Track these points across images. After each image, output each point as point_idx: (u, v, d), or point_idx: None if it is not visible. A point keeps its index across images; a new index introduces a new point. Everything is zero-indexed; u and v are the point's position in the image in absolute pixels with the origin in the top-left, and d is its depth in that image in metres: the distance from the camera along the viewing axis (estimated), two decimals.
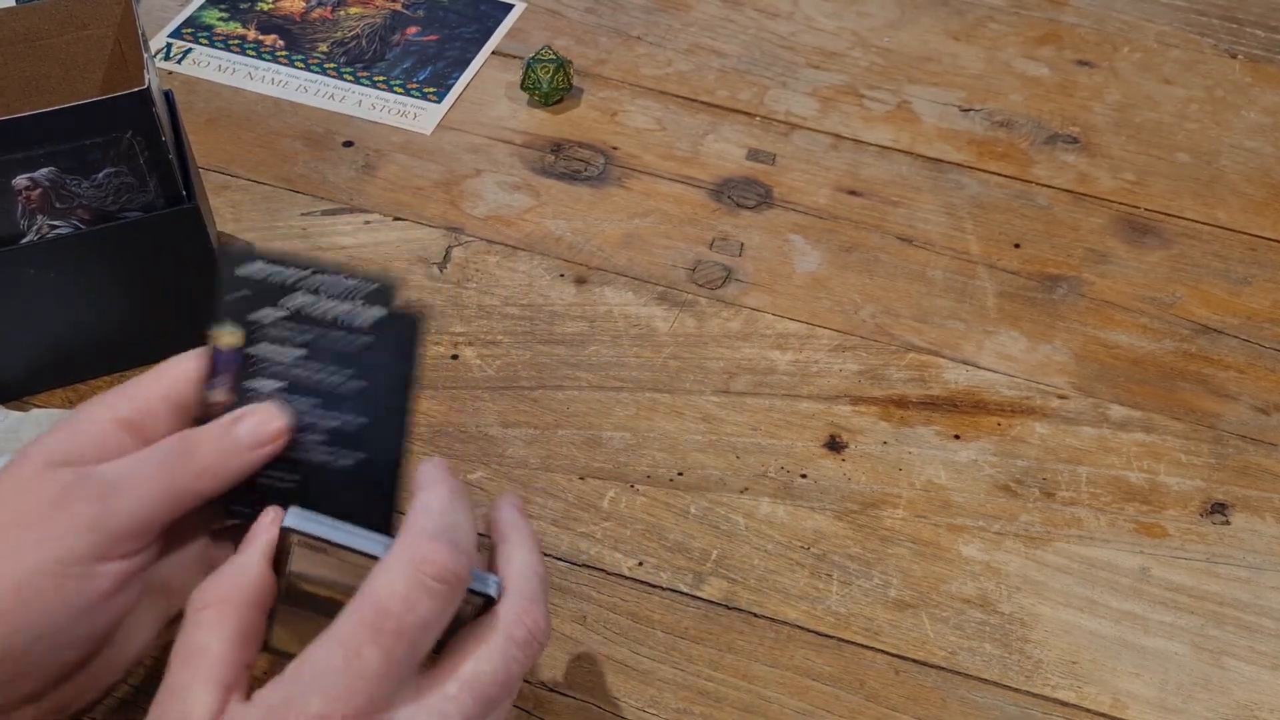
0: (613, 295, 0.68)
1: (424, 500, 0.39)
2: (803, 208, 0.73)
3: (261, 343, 0.42)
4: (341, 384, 0.42)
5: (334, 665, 0.34)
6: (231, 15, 0.83)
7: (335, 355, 0.42)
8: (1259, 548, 0.59)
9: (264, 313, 0.42)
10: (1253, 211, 0.75)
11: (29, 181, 0.54)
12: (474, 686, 0.36)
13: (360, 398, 0.42)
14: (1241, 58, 0.86)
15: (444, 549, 0.36)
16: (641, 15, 0.86)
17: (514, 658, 0.37)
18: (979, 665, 0.54)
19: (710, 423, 0.62)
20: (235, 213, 0.70)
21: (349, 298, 0.42)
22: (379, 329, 0.41)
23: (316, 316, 0.41)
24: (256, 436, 0.41)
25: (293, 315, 0.42)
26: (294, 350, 0.42)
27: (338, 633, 0.35)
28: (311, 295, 0.42)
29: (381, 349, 0.41)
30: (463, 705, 0.36)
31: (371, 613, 0.35)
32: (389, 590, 0.36)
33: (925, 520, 0.59)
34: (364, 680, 0.34)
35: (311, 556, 0.39)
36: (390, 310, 0.41)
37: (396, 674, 0.35)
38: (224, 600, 0.37)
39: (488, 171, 0.74)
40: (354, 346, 0.42)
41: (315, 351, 0.42)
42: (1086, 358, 0.66)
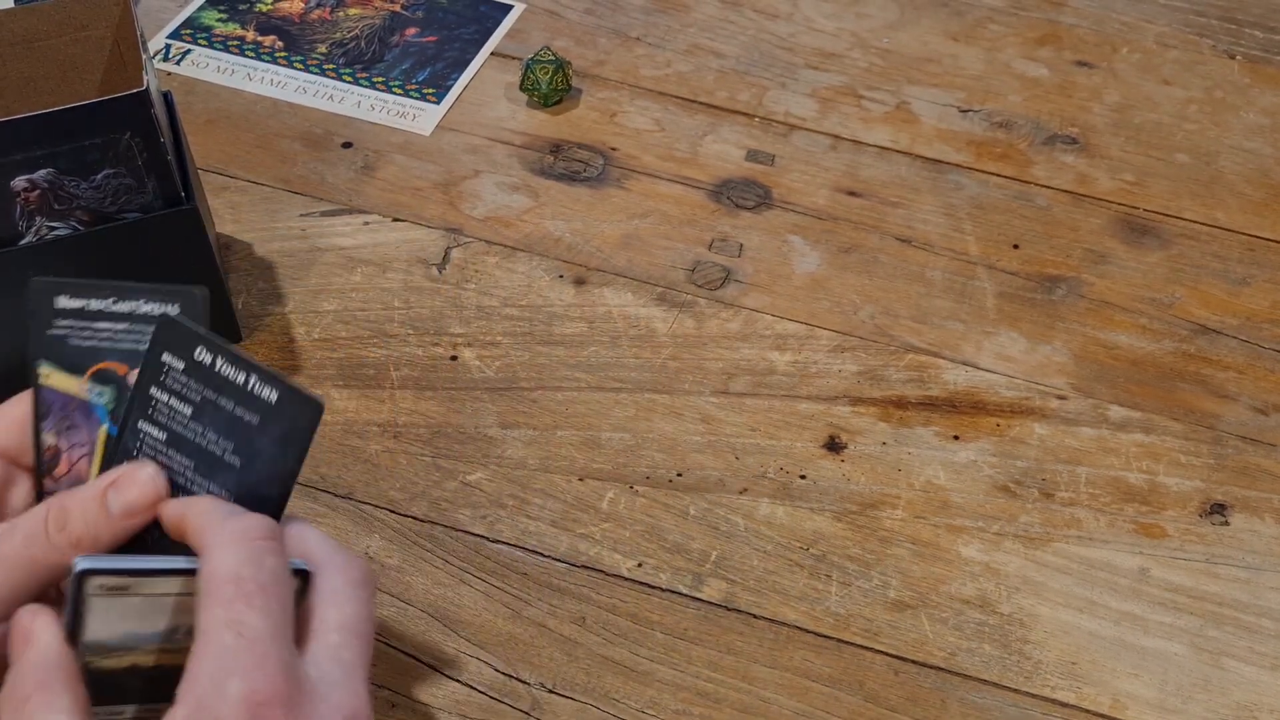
0: (612, 296, 0.68)
1: (194, 510, 0.38)
2: (802, 208, 0.73)
3: (157, 388, 0.40)
4: (220, 455, 0.40)
5: (227, 644, 0.34)
6: (230, 16, 0.83)
7: (223, 422, 0.40)
8: (1258, 548, 0.59)
9: (166, 358, 0.40)
10: (1252, 212, 0.75)
11: (28, 183, 0.54)
12: (350, 627, 0.37)
13: (236, 473, 0.40)
14: (1240, 58, 0.86)
15: (252, 517, 0.38)
16: (641, 16, 0.86)
17: (364, 598, 0.39)
18: (978, 666, 0.54)
19: (709, 423, 0.62)
20: (234, 214, 0.70)
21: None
22: (271, 412, 0.39)
23: (215, 376, 0.40)
24: (129, 506, 0.40)
25: (190, 369, 0.40)
26: (183, 405, 0.40)
27: (210, 620, 0.35)
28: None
29: (268, 432, 0.39)
30: (352, 647, 0.37)
31: (231, 586, 0.35)
32: (234, 560, 0.36)
33: (924, 521, 0.59)
34: (263, 644, 0.35)
35: (111, 608, 0.37)
36: (289, 393, 0.39)
37: (282, 633, 0.35)
38: (42, 684, 0.35)
39: (487, 172, 0.74)
40: (241, 421, 0.40)
41: (202, 413, 0.40)
42: (1086, 358, 0.66)
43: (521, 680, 0.52)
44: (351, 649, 0.37)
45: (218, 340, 0.40)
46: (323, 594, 0.38)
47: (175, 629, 0.38)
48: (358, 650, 0.37)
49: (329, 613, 0.38)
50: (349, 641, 0.37)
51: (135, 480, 0.40)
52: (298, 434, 0.39)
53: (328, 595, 0.38)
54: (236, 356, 0.40)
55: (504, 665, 0.53)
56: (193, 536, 0.38)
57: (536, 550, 0.57)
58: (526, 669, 0.53)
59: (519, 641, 0.54)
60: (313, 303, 0.66)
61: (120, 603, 0.37)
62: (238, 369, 0.40)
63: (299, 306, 0.66)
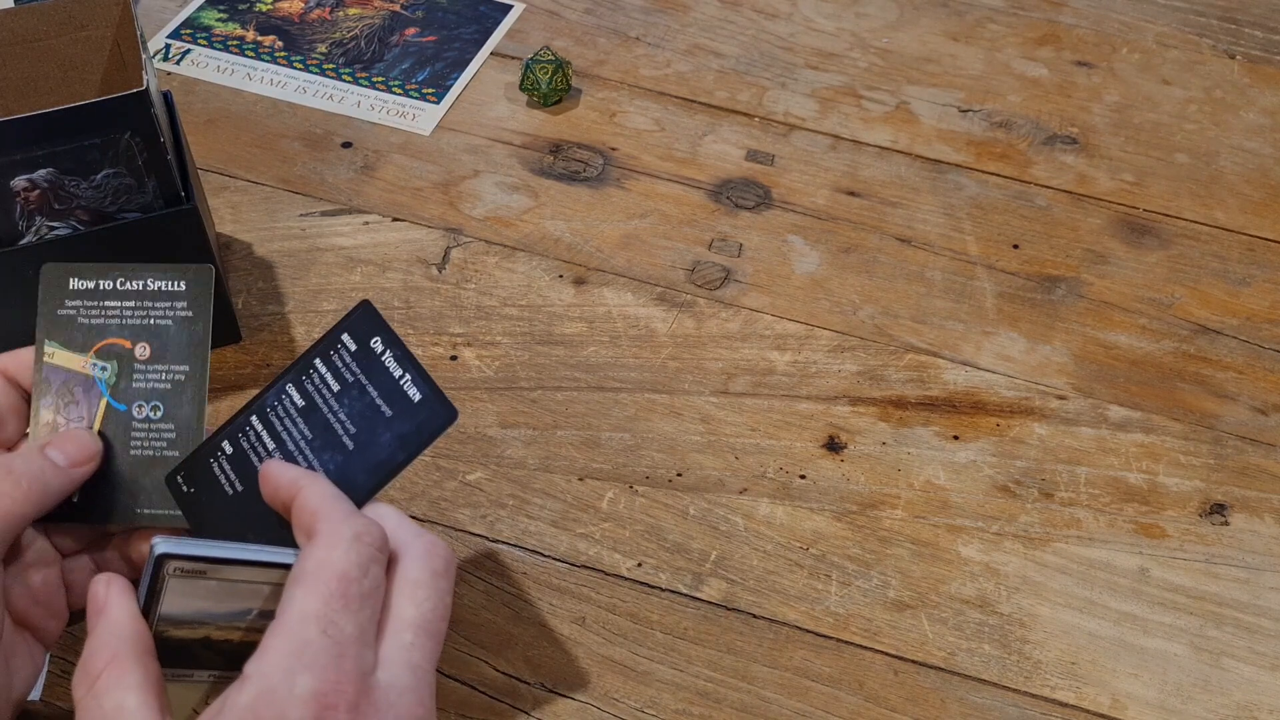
0: (611, 296, 0.68)
1: (316, 491, 0.39)
2: (802, 208, 0.73)
3: (321, 360, 0.43)
4: (340, 435, 0.42)
5: (311, 639, 0.35)
6: (230, 16, 0.83)
7: (360, 407, 0.42)
8: (1258, 548, 0.59)
9: (345, 337, 0.43)
10: (1251, 212, 0.75)
11: (28, 182, 0.54)
12: (426, 628, 0.37)
13: (344, 455, 0.42)
14: (1240, 58, 0.86)
15: (371, 522, 0.38)
16: (640, 16, 0.86)
17: (443, 589, 0.39)
18: (978, 666, 0.54)
19: (709, 423, 0.62)
20: (234, 214, 0.70)
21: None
22: (407, 409, 0.41)
23: (377, 364, 0.42)
24: (70, 457, 0.42)
25: (359, 353, 0.42)
26: (334, 381, 0.42)
27: (303, 610, 0.35)
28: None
29: (394, 427, 0.41)
30: (424, 648, 0.37)
31: (336, 582, 0.36)
32: (346, 560, 0.36)
33: (924, 521, 0.59)
34: (345, 647, 0.35)
35: (187, 588, 0.38)
36: (433, 395, 0.41)
37: (366, 638, 0.36)
38: (115, 659, 0.36)
39: (486, 172, 0.74)
40: (377, 410, 0.42)
41: (347, 393, 0.42)
42: (1085, 358, 0.66)
43: (521, 680, 0.52)
44: (423, 650, 0.37)
45: (397, 337, 0.42)
46: (402, 585, 0.38)
47: (249, 611, 0.39)
48: (429, 652, 0.37)
49: (406, 609, 0.38)
50: (422, 642, 0.37)
51: (74, 437, 0.43)
52: (421, 434, 0.41)
53: (408, 588, 0.38)
54: (405, 355, 0.42)
55: (504, 665, 0.53)
56: (303, 514, 0.38)
57: (536, 550, 0.57)
58: (526, 669, 0.53)
59: (519, 641, 0.54)
60: (312, 302, 0.66)
61: (197, 584, 0.38)
62: (399, 365, 0.42)
63: (299, 306, 0.66)
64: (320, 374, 0.43)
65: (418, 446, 0.41)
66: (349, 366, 0.42)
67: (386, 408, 0.41)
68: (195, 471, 0.44)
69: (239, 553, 0.38)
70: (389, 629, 0.37)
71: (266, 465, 0.41)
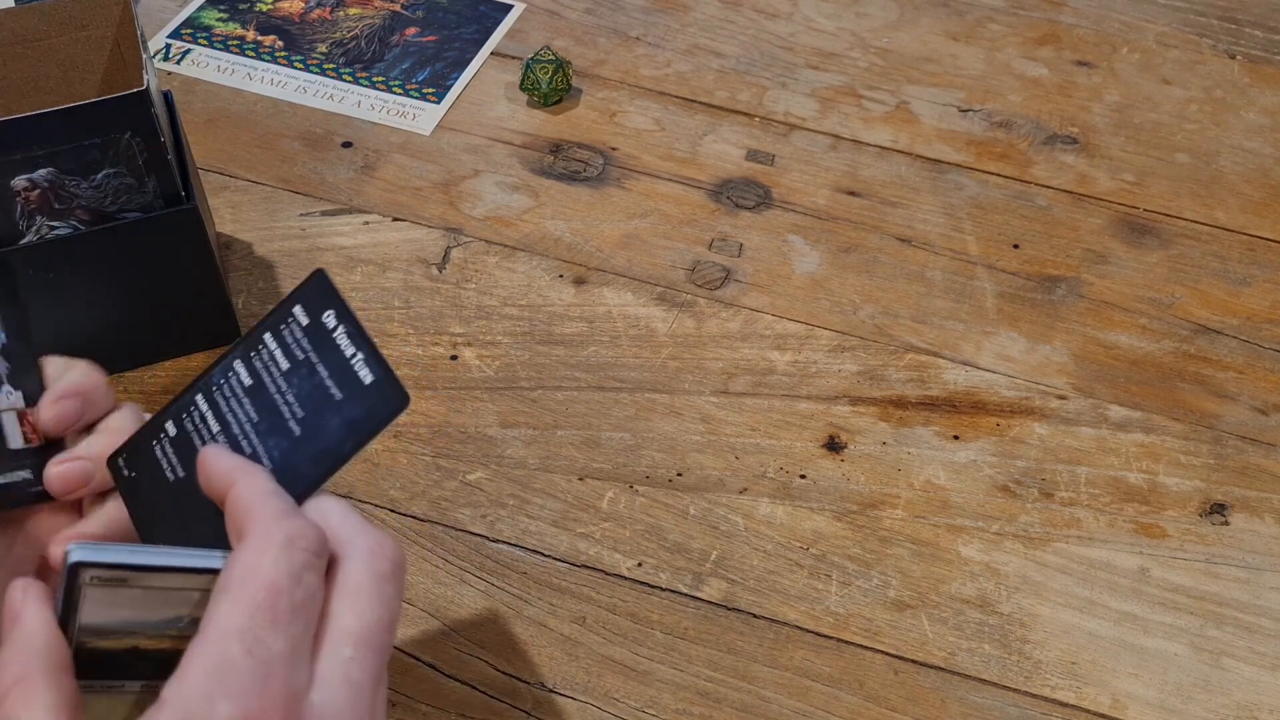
0: (612, 296, 0.68)
1: (250, 485, 0.36)
2: (802, 208, 0.73)
3: (271, 334, 0.40)
4: (287, 419, 0.39)
5: (234, 658, 0.31)
6: (230, 16, 0.83)
7: (309, 388, 0.39)
8: (1258, 548, 0.59)
9: (297, 310, 0.40)
10: (1252, 212, 0.75)
11: (28, 182, 0.54)
12: (367, 640, 0.34)
13: (290, 442, 0.39)
14: (1240, 58, 0.86)
15: (308, 524, 0.35)
16: (640, 16, 0.86)
17: (389, 595, 0.35)
18: (978, 666, 0.54)
19: (709, 423, 0.62)
20: (234, 213, 0.70)
21: None
22: (358, 393, 0.38)
23: (328, 341, 0.39)
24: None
25: (311, 328, 0.40)
26: (284, 359, 0.40)
27: (225, 625, 0.32)
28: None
29: (343, 412, 0.38)
30: (365, 662, 0.34)
31: (265, 594, 0.32)
32: (275, 568, 0.33)
33: (924, 521, 0.59)
34: (272, 668, 0.32)
35: (108, 597, 0.35)
36: (385, 379, 0.38)
37: (299, 655, 0.33)
38: (24, 676, 0.32)
39: (487, 172, 0.74)
40: (326, 392, 0.39)
41: (296, 372, 0.39)
42: (1086, 358, 0.66)
43: (521, 680, 0.52)
44: (364, 665, 0.34)
45: (351, 312, 0.39)
46: (343, 592, 0.35)
47: (180, 618, 0.36)
48: (370, 666, 0.34)
49: (346, 619, 0.34)
50: (363, 656, 0.34)
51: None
52: (371, 422, 0.38)
53: (349, 595, 0.35)
54: (359, 333, 0.39)
55: (504, 665, 0.53)
56: (235, 512, 0.35)
57: (536, 550, 0.57)
58: (526, 669, 0.53)
59: (519, 641, 0.54)
60: None
61: (118, 593, 0.35)
62: (352, 343, 0.39)
63: None
64: (270, 350, 0.40)
65: (367, 434, 0.38)
66: (299, 343, 0.39)
67: (336, 390, 0.38)
68: (137, 454, 0.41)
69: (162, 558, 0.35)
70: (326, 642, 0.34)
71: (204, 453, 0.38)
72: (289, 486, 0.37)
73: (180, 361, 0.63)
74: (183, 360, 0.63)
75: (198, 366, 0.62)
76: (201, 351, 0.63)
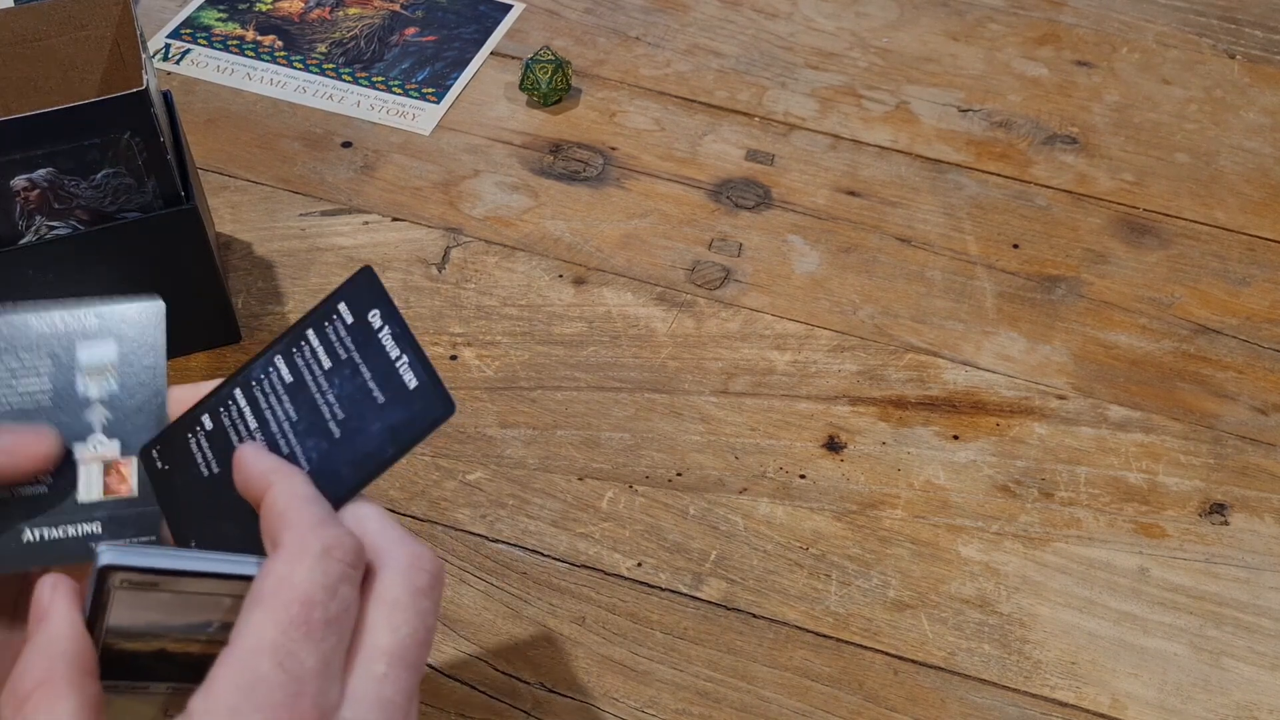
0: (611, 296, 0.68)
1: (287, 489, 0.35)
2: (801, 208, 0.73)
3: (314, 331, 0.39)
4: (327, 420, 0.38)
5: (264, 673, 0.31)
6: (230, 16, 0.83)
7: (351, 389, 0.38)
8: (1258, 548, 0.59)
9: (341, 307, 0.39)
10: (1251, 212, 0.75)
11: (27, 182, 0.54)
12: (402, 656, 0.33)
13: (329, 444, 0.38)
14: (1240, 58, 0.86)
15: (345, 533, 0.34)
16: (640, 16, 0.86)
17: (426, 609, 0.34)
18: (978, 666, 0.54)
19: (709, 423, 0.62)
20: (234, 213, 0.70)
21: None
22: (401, 397, 0.37)
23: (373, 342, 0.38)
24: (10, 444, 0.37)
25: (355, 326, 0.39)
26: (326, 357, 0.39)
27: (258, 639, 0.31)
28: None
29: (385, 416, 0.38)
30: (398, 681, 0.33)
31: (299, 608, 0.31)
32: (310, 580, 0.32)
33: (924, 521, 0.59)
34: (303, 684, 0.31)
35: (137, 600, 0.34)
36: (430, 384, 0.37)
37: (331, 670, 0.32)
38: (48, 679, 0.32)
39: (486, 172, 0.74)
40: (369, 395, 0.38)
41: (338, 372, 0.38)
42: (1085, 358, 0.66)
43: (521, 680, 0.52)
44: (397, 683, 0.33)
45: (398, 312, 0.38)
46: (379, 605, 0.34)
47: (209, 624, 0.36)
48: (404, 684, 0.33)
49: (382, 635, 0.33)
50: (397, 674, 0.33)
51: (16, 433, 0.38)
52: (414, 427, 0.37)
53: (385, 609, 0.33)
54: (405, 334, 0.38)
55: (504, 665, 0.53)
56: (270, 517, 0.35)
57: (536, 550, 0.57)
58: (526, 669, 0.53)
59: (519, 641, 0.54)
60: (312, 302, 0.66)
61: (147, 597, 0.34)
62: (397, 344, 0.38)
63: (299, 306, 0.66)
64: (312, 346, 0.39)
65: (410, 440, 0.37)
66: (343, 341, 0.38)
67: (380, 393, 0.37)
68: (171, 446, 0.40)
69: (194, 563, 0.34)
70: (360, 658, 0.33)
71: (240, 451, 0.37)
72: (326, 490, 0.36)
73: (180, 361, 0.63)
74: (182, 360, 0.63)
75: (198, 367, 0.62)
76: (201, 351, 0.63)
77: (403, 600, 0.34)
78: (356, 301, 0.39)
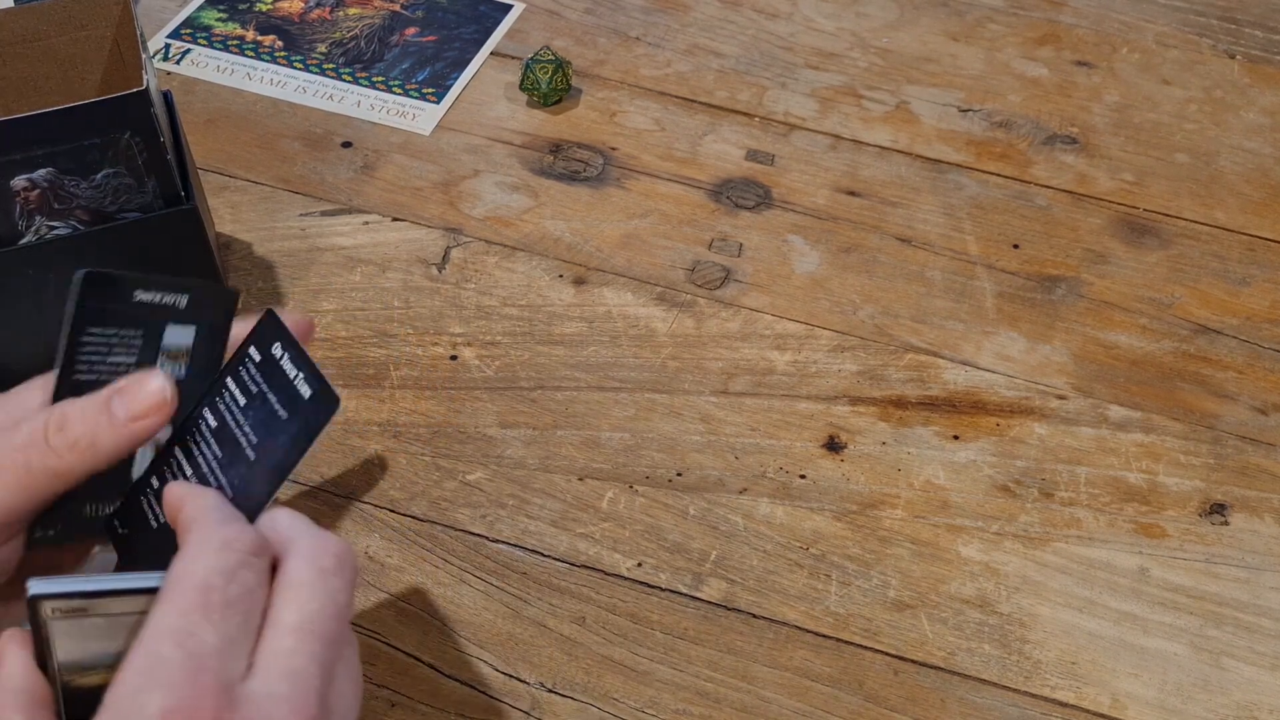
0: (611, 296, 0.68)
1: (195, 504, 0.37)
2: (802, 208, 0.73)
3: (233, 378, 0.41)
4: (245, 448, 0.40)
5: (165, 655, 0.32)
6: (230, 16, 0.83)
7: (263, 415, 0.40)
8: (1258, 548, 0.59)
9: (252, 351, 0.41)
10: (1251, 212, 0.75)
11: (27, 182, 0.54)
12: (310, 629, 0.34)
13: (245, 467, 0.40)
14: (1240, 58, 0.86)
15: (244, 528, 0.36)
16: (640, 16, 0.86)
17: (335, 587, 0.35)
18: (978, 666, 0.54)
19: (709, 423, 0.62)
20: (234, 213, 0.70)
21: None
22: (299, 408, 0.39)
23: (277, 371, 0.40)
24: (134, 411, 0.38)
25: (263, 362, 0.41)
26: (241, 395, 0.41)
27: (159, 624, 0.32)
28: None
29: (288, 429, 0.39)
30: (309, 651, 0.34)
31: (195, 593, 0.33)
32: (206, 567, 0.34)
33: (924, 521, 0.59)
34: (203, 660, 0.32)
35: (76, 630, 0.35)
36: (320, 389, 0.39)
37: (235, 649, 0.33)
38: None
39: (486, 172, 0.74)
40: (275, 415, 0.40)
41: (251, 405, 0.40)
42: (1085, 358, 0.66)
43: (521, 680, 0.52)
44: (306, 653, 0.34)
45: (295, 340, 0.40)
46: (283, 588, 0.35)
47: None
48: (315, 654, 0.34)
49: (286, 612, 0.34)
50: (304, 645, 0.34)
51: (143, 387, 0.39)
52: (309, 430, 0.39)
53: (290, 590, 0.35)
54: (300, 355, 0.40)
55: (504, 665, 0.53)
56: (182, 528, 0.36)
57: (536, 550, 0.57)
58: (526, 669, 0.53)
59: (519, 641, 0.54)
60: (312, 302, 0.66)
61: (83, 624, 0.35)
62: (294, 365, 0.40)
63: (299, 306, 0.66)
64: (230, 391, 0.41)
65: (308, 442, 0.39)
66: (254, 378, 0.41)
67: (283, 411, 0.39)
68: (129, 512, 0.42)
69: (113, 583, 0.35)
70: (266, 634, 0.34)
71: (165, 489, 0.39)
72: (247, 506, 0.38)
73: None
74: None
75: None
76: None
77: (308, 580, 0.35)
78: (263, 341, 0.41)
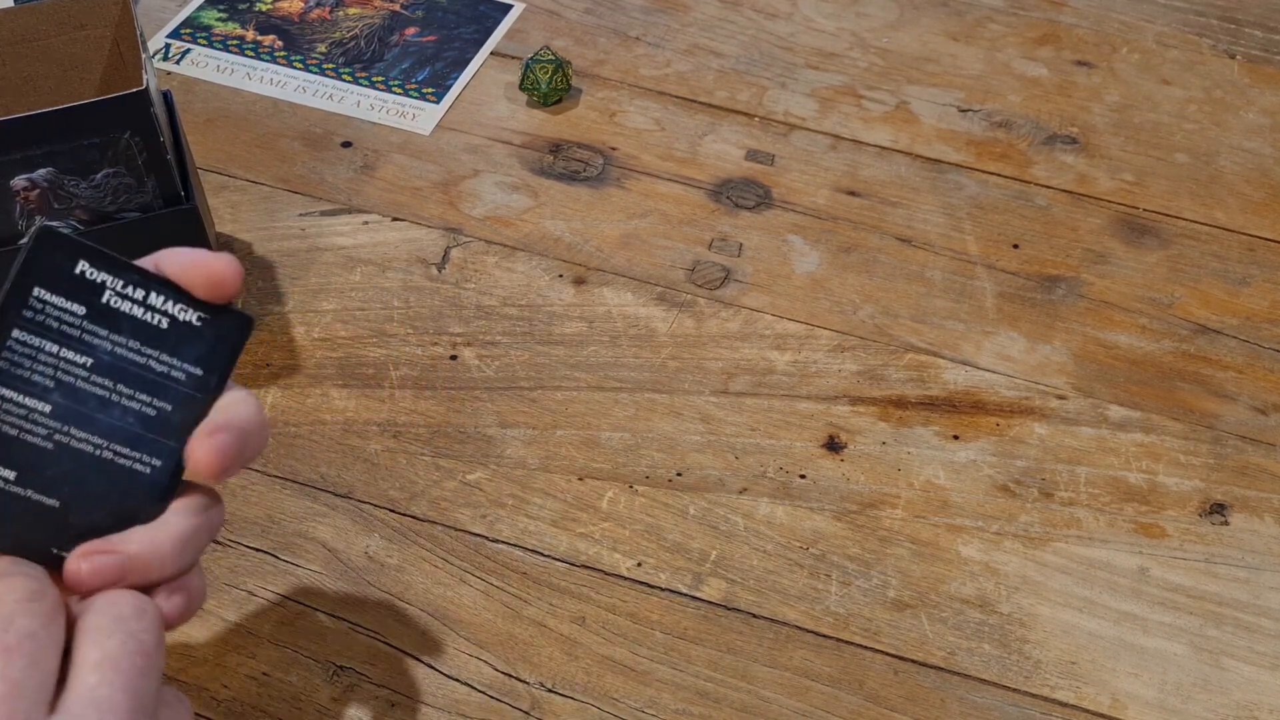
0: (611, 296, 0.68)
1: None
2: (802, 208, 0.73)
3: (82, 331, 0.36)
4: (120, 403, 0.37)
5: None
6: (230, 16, 0.83)
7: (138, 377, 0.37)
8: (1258, 548, 0.59)
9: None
10: (1251, 212, 0.75)
11: (27, 182, 0.54)
12: (114, 663, 0.35)
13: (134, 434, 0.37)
14: (1240, 58, 0.86)
15: (19, 576, 0.35)
16: (640, 16, 0.86)
17: (135, 629, 0.36)
18: (978, 666, 0.54)
19: (709, 423, 0.62)
20: (234, 213, 0.70)
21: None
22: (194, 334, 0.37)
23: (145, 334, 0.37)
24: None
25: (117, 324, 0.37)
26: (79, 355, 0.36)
27: None
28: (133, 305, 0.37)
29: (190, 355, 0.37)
30: (112, 682, 0.34)
31: None
32: None
33: (924, 521, 0.59)
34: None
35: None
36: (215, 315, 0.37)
37: (24, 692, 0.33)
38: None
39: (486, 172, 0.74)
40: (164, 377, 0.37)
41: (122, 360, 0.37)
42: (1085, 358, 0.66)
43: (521, 680, 0.52)
44: (112, 684, 0.34)
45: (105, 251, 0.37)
46: (84, 634, 0.35)
47: None
48: (120, 684, 0.34)
49: (87, 653, 0.35)
50: (109, 677, 0.34)
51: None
52: (223, 354, 0.38)
53: (90, 635, 0.35)
54: (131, 269, 0.38)
55: (504, 665, 0.53)
56: None
57: (536, 550, 0.57)
58: (526, 669, 0.53)
59: (519, 641, 0.54)
60: (312, 302, 0.66)
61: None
62: (141, 288, 0.38)
63: (298, 306, 0.66)
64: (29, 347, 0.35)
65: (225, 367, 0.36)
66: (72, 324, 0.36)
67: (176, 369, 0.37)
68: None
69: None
70: (70, 679, 0.34)
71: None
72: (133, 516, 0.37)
73: None
74: None
75: None
76: None
77: (105, 625, 0.36)
78: (51, 273, 0.34)
